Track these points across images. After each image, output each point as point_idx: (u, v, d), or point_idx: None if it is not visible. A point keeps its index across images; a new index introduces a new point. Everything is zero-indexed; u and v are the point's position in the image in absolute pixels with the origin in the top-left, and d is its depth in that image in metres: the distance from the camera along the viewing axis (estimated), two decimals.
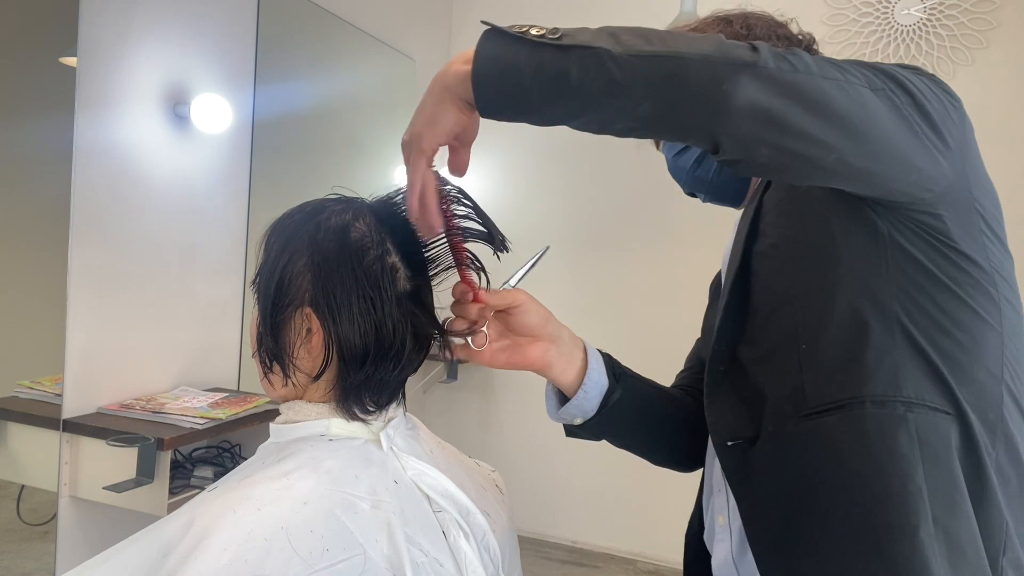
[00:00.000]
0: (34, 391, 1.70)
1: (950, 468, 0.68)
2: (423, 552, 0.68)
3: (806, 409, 0.72)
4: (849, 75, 0.61)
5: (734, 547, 0.81)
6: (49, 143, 1.69)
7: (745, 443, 0.76)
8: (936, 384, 0.69)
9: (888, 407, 0.68)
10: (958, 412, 0.69)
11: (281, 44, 2.38)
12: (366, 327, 0.71)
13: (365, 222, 0.73)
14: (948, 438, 0.68)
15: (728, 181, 0.90)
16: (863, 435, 0.68)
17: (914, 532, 0.66)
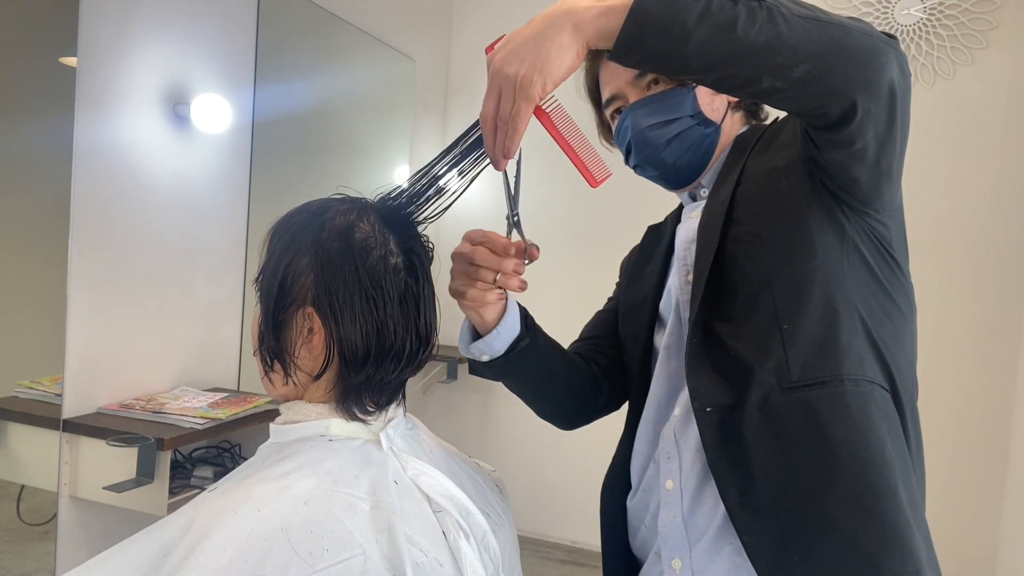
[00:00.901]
0: (34, 391, 1.70)
1: (903, 438, 0.81)
2: (423, 552, 0.68)
3: (790, 383, 0.80)
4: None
5: (684, 508, 0.88)
6: (49, 143, 1.69)
7: (723, 411, 0.83)
8: (882, 367, 0.82)
9: (860, 385, 0.80)
10: (894, 392, 0.83)
11: (281, 44, 2.38)
12: (368, 327, 0.71)
13: (369, 222, 0.74)
14: (895, 413, 0.82)
15: (685, 169, 0.96)
16: (846, 408, 0.78)
17: (895, 493, 0.77)
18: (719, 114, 0.96)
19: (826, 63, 0.66)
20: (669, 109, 0.93)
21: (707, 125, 0.95)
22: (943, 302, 2.68)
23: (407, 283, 0.73)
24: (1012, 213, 2.60)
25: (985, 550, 2.62)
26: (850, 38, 0.66)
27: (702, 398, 0.85)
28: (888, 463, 0.77)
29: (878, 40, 0.67)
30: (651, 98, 0.94)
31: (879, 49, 0.67)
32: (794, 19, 0.65)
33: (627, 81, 0.96)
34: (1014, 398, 2.59)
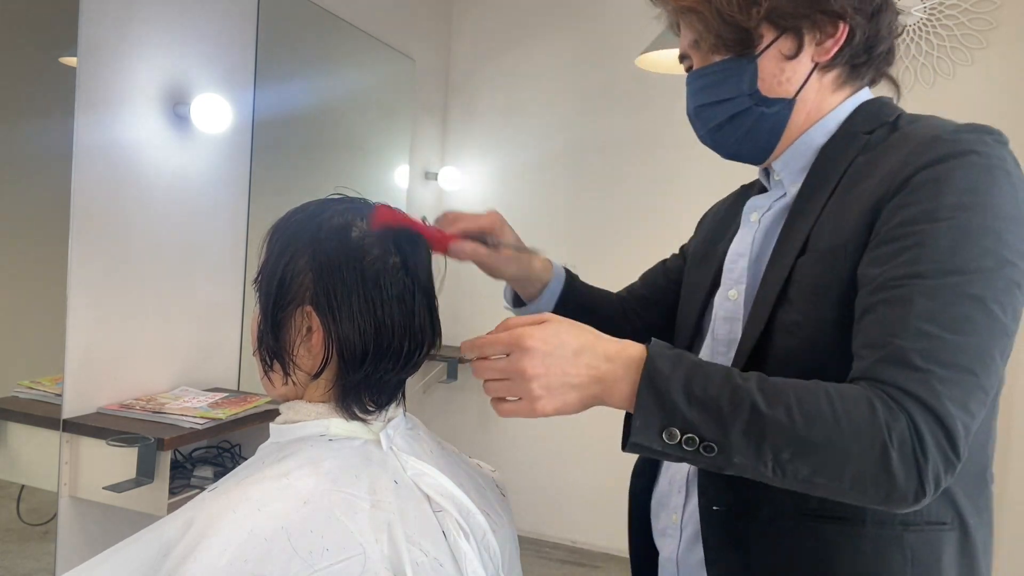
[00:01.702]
0: (34, 391, 1.70)
1: (940, 571, 0.71)
2: (423, 552, 0.68)
3: (807, 509, 0.72)
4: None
5: (680, 548, 0.84)
6: (49, 143, 1.69)
7: (730, 513, 0.77)
8: (940, 496, 0.65)
9: (887, 528, 0.70)
10: (956, 517, 0.71)
11: (281, 44, 2.38)
12: (366, 326, 0.71)
13: (367, 222, 0.74)
14: (941, 549, 0.71)
15: (748, 153, 0.85)
16: (859, 549, 0.70)
17: None
18: (793, 85, 0.79)
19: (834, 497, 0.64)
20: (724, 87, 0.80)
21: (770, 104, 0.79)
22: None
23: (405, 282, 0.74)
24: None
25: None
26: (847, 497, 0.62)
27: (710, 496, 0.79)
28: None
29: (879, 501, 0.61)
30: (707, 70, 0.81)
31: (878, 505, 0.62)
32: (786, 483, 0.63)
33: (688, 45, 0.84)
34: (1014, 398, 2.59)
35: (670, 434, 0.62)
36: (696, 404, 0.62)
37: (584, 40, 3.13)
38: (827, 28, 0.77)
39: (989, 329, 0.62)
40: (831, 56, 0.79)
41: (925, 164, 0.68)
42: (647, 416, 0.63)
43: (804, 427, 0.60)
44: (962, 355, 0.61)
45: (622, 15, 3.03)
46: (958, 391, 0.60)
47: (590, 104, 3.13)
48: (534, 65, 3.27)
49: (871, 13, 0.80)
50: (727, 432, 0.61)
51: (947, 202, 0.65)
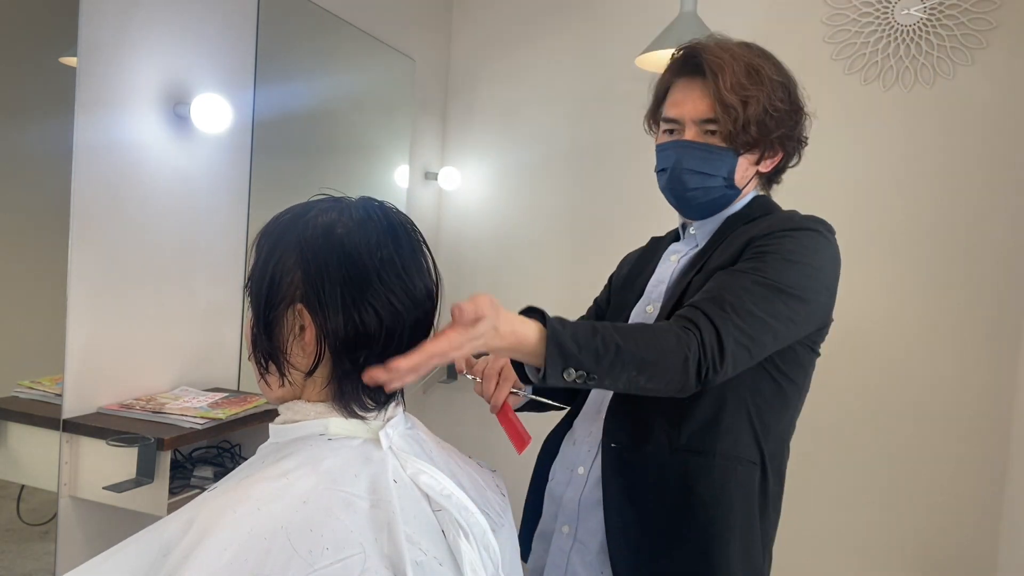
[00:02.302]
0: (34, 391, 1.70)
1: (752, 500, 1.07)
2: (423, 551, 0.68)
3: (678, 445, 1.05)
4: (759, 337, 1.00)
5: (584, 491, 1.13)
6: (49, 143, 1.69)
7: (624, 449, 1.08)
8: (754, 445, 1.07)
9: (729, 460, 1.05)
10: (761, 463, 1.08)
11: (281, 44, 2.38)
12: (356, 320, 0.71)
13: (353, 218, 0.74)
14: (753, 481, 1.07)
15: (695, 210, 1.15)
16: (711, 475, 1.04)
17: (728, 544, 1.03)
18: (745, 181, 1.12)
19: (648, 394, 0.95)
20: (712, 165, 1.08)
21: (732, 189, 1.11)
22: (942, 302, 2.68)
23: (394, 276, 0.74)
24: (1012, 213, 2.60)
25: (985, 550, 2.62)
26: (659, 392, 0.94)
27: (611, 435, 1.10)
28: (728, 524, 1.03)
29: (676, 391, 0.94)
30: (703, 147, 1.08)
31: (675, 392, 0.94)
32: (628, 391, 0.93)
33: (694, 118, 1.09)
34: (1014, 398, 2.59)
35: (568, 373, 0.87)
36: (583, 349, 0.87)
37: (584, 40, 3.13)
38: (775, 152, 1.13)
39: (775, 315, 0.97)
40: (768, 171, 1.16)
41: (782, 228, 1.05)
42: (553, 364, 0.86)
43: (644, 352, 0.89)
44: (752, 317, 0.95)
45: (622, 15, 3.03)
46: (738, 331, 0.94)
47: (590, 104, 3.13)
48: (534, 65, 3.27)
49: (797, 155, 1.17)
50: (602, 365, 0.88)
51: (786, 247, 1.02)
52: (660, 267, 1.20)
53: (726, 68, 1.04)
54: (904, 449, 2.73)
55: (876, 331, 2.73)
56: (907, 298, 2.72)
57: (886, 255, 2.73)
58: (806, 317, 1.02)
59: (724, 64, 1.04)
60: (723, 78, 1.04)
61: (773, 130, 1.07)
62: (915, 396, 2.72)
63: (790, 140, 1.12)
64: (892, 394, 2.74)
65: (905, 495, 2.74)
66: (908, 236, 2.72)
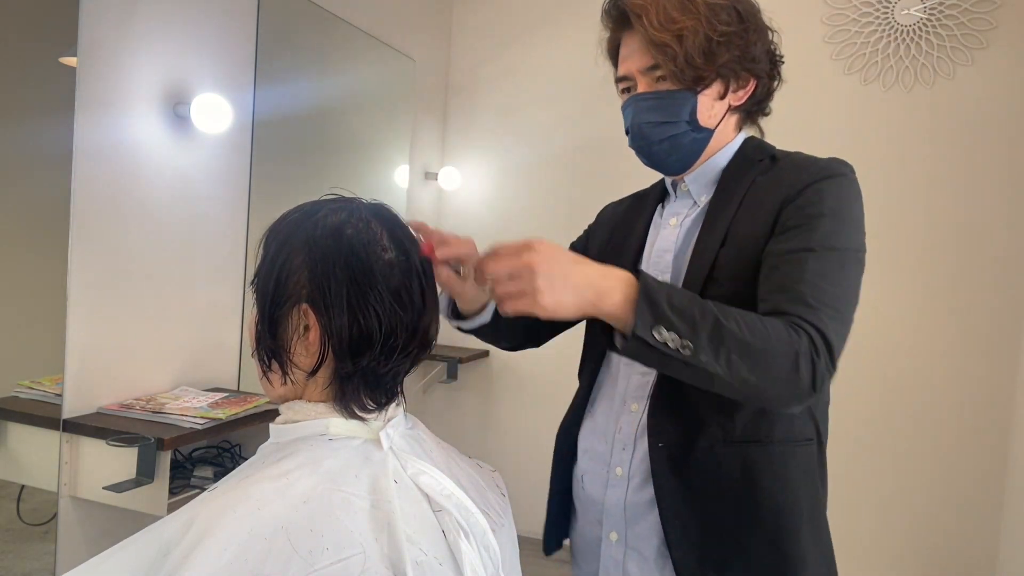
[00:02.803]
0: (34, 391, 1.70)
1: (814, 479, 1.01)
2: (423, 551, 0.68)
3: (733, 437, 0.98)
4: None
5: (628, 493, 1.04)
6: (49, 143, 1.69)
7: (674, 449, 0.99)
8: (809, 420, 1.01)
9: (787, 444, 0.99)
10: (817, 436, 1.02)
11: (281, 44, 2.38)
12: (361, 322, 0.71)
13: (361, 219, 0.74)
14: (813, 458, 1.01)
15: (674, 165, 1.06)
16: (771, 464, 0.98)
17: (797, 531, 0.98)
18: (715, 120, 1.03)
19: (747, 397, 0.87)
20: (669, 111, 1.00)
21: (700, 131, 1.02)
22: (943, 301, 2.68)
23: (399, 278, 0.74)
24: (1012, 213, 2.60)
25: (985, 550, 2.62)
26: (764, 392, 0.85)
27: (657, 435, 1.01)
28: (797, 508, 0.98)
29: (785, 389, 0.84)
30: (655, 95, 1.01)
31: (784, 401, 0.86)
32: (726, 382, 0.82)
33: (639, 69, 1.02)
34: (1014, 398, 2.59)
35: (659, 332, 0.80)
36: (676, 311, 0.81)
37: (584, 40, 3.13)
38: (744, 81, 1.03)
39: (850, 286, 0.92)
40: (741, 103, 1.05)
41: (812, 180, 0.96)
42: (643, 316, 0.80)
43: (749, 336, 0.82)
44: (837, 300, 0.89)
45: None
46: (836, 323, 0.88)
47: (590, 104, 3.13)
48: (534, 65, 3.27)
49: (771, 75, 1.06)
50: (698, 334, 0.81)
51: (828, 204, 0.94)
52: (663, 233, 1.09)
53: (649, 7, 0.97)
54: (904, 450, 2.73)
55: (876, 332, 2.73)
56: (907, 298, 2.72)
57: (886, 255, 2.72)
58: (862, 272, 0.96)
59: (647, 3, 0.97)
60: (648, 18, 0.97)
61: (723, 55, 0.97)
62: (915, 397, 2.72)
63: (752, 61, 1.00)
64: (892, 395, 2.74)
65: (905, 496, 2.74)
66: (908, 236, 2.72)
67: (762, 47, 1.02)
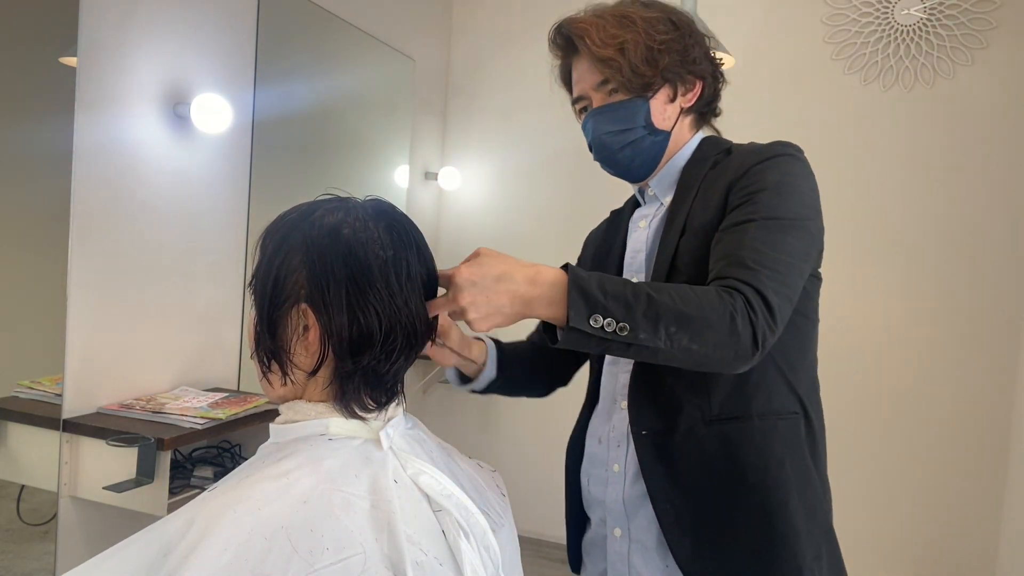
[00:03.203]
0: (34, 391, 1.70)
1: (802, 453, 1.02)
2: (423, 551, 0.68)
3: (711, 416, 1.00)
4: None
5: (626, 488, 1.07)
6: (49, 143, 1.69)
7: (656, 435, 1.03)
8: (790, 393, 1.02)
9: (767, 419, 1.00)
10: (803, 409, 1.03)
11: (281, 44, 2.38)
12: (360, 321, 0.71)
13: (358, 218, 0.74)
14: (799, 431, 1.02)
15: (637, 170, 1.11)
16: (752, 439, 0.99)
17: (786, 506, 0.98)
18: (670, 122, 1.09)
19: (695, 365, 0.88)
20: (624, 119, 1.07)
21: (657, 134, 1.08)
22: (943, 302, 2.68)
23: (398, 276, 0.74)
24: (1012, 213, 2.60)
25: (985, 550, 2.62)
26: (709, 359, 0.86)
27: (639, 423, 1.04)
28: (783, 483, 0.98)
29: (729, 355, 0.86)
30: (610, 107, 1.07)
31: (729, 363, 0.87)
32: (670, 353, 0.85)
33: (591, 87, 1.08)
34: (1014, 398, 2.59)
35: (595, 320, 0.83)
36: (610, 296, 0.84)
37: None
38: (690, 84, 1.09)
39: (792, 251, 0.93)
40: (691, 104, 1.11)
41: (756, 161, 1.00)
42: (578, 308, 0.83)
43: (682, 306, 0.84)
44: (777, 263, 0.91)
45: None
46: (775, 283, 0.89)
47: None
48: (534, 65, 3.27)
49: (714, 76, 1.12)
50: (633, 314, 0.83)
51: (770, 179, 0.98)
52: (633, 236, 1.15)
53: (590, 29, 1.05)
54: (904, 450, 2.73)
55: (876, 332, 2.73)
56: (906, 298, 2.72)
57: (886, 255, 2.73)
58: (812, 245, 0.98)
59: (588, 26, 1.05)
60: (590, 39, 1.04)
61: (665, 60, 1.04)
62: (915, 397, 2.71)
63: (693, 63, 1.07)
64: (892, 396, 2.74)
65: (905, 496, 2.74)
66: (908, 236, 2.72)
67: (700, 51, 1.09)
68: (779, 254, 0.92)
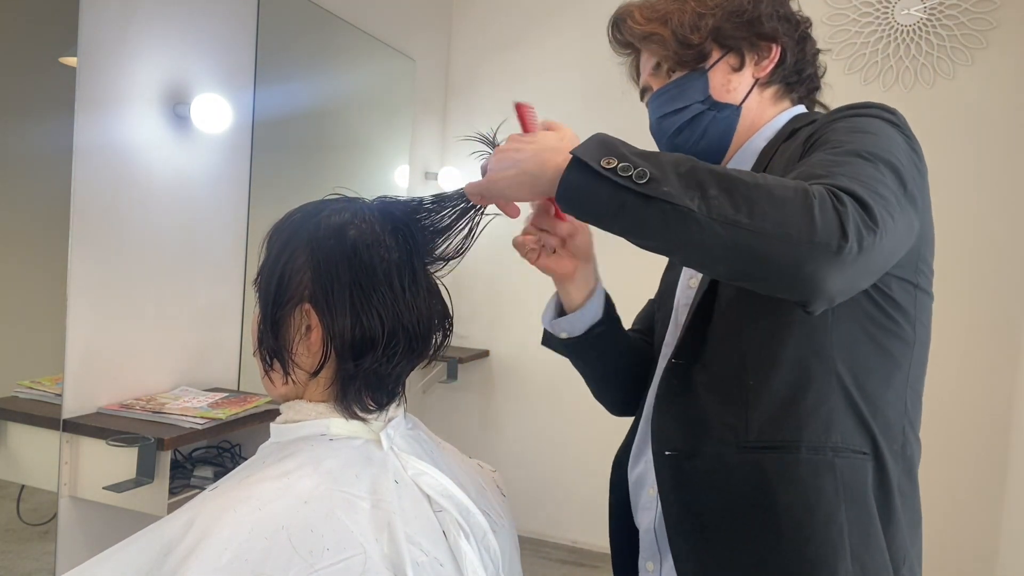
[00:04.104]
0: (34, 391, 1.70)
1: (867, 504, 0.78)
2: (423, 552, 0.68)
3: (747, 442, 0.80)
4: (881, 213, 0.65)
5: (657, 517, 0.90)
6: (49, 143, 1.69)
7: (681, 456, 0.85)
8: (859, 426, 0.79)
9: (820, 453, 0.78)
10: (874, 450, 0.79)
11: (281, 44, 2.38)
12: (364, 323, 0.71)
13: (365, 220, 0.74)
14: (866, 477, 0.79)
15: (702, 155, 0.91)
16: (796, 477, 0.78)
17: (834, 569, 0.76)
18: (739, 94, 0.93)
19: (747, 271, 0.65)
20: (680, 97, 0.93)
21: (720, 109, 0.93)
22: (942, 302, 2.68)
23: (401, 279, 0.74)
24: (1012, 213, 2.60)
25: (985, 550, 2.62)
26: (769, 250, 0.62)
27: (662, 441, 0.87)
28: (832, 539, 0.76)
29: (805, 249, 0.61)
30: (665, 88, 0.95)
31: (803, 260, 0.61)
32: (710, 226, 0.63)
33: (649, 73, 0.97)
34: (1014, 398, 2.59)
35: (608, 161, 0.67)
36: (637, 153, 0.68)
37: (584, 40, 3.13)
38: (763, 50, 0.92)
39: (887, 185, 0.67)
40: (767, 73, 0.93)
41: (838, 117, 0.81)
42: (589, 147, 0.70)
43: (734, 172, 0.65)
44: (858, 173, 0.67)
45: None
46: (861, 186, 0.64)
47: (590, 104, 3.13)
48: (534, 65, 3.27)
49: (798, 39, 0.95)
50: (662, 167, 0.66)
51: (846, 127, 0.77)
52: None
53: (633, 9, 0.95)
54: None
55: None
56: None
57: None
58: (907, 198, 0.69)
59: (630, 8, 0.96)
60: (632, 19, 0.94)
61: (719, 23, 0.90)
62: None
63: (759, 24, 0.91)
64: None
65: None
66: None
67: (772, 8, 0.92)
68: (872, 180, 0.67)
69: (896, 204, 0.67)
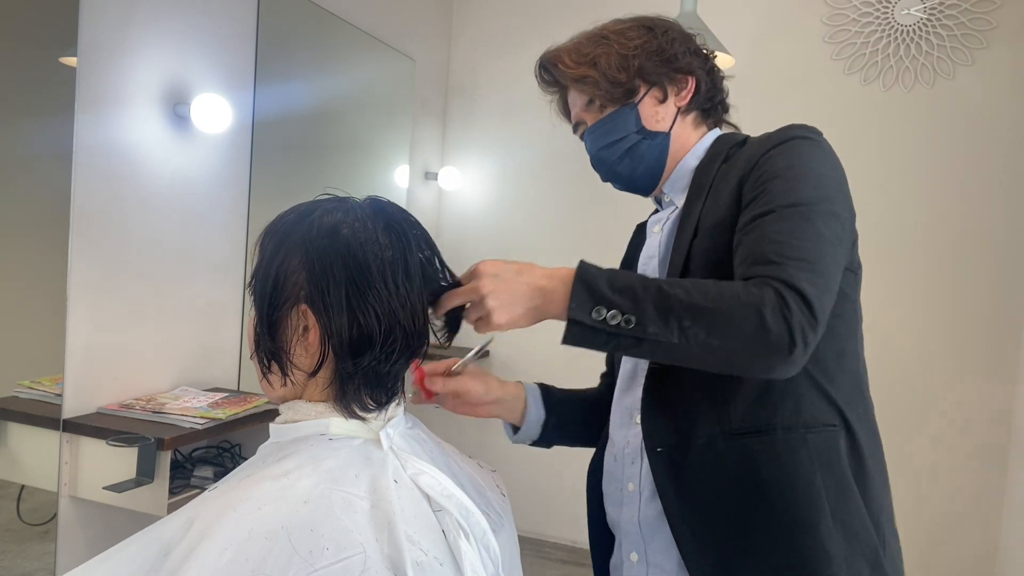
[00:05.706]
0: (34, 391, 1.70)
1: (841, 469, 0.91)
2: (423, 551, 0.68)
3: (731, 430, 0.92)
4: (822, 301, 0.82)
5: (641, 508, 0.99)
6: (49, 143, 1.69)
7: (671, 450, 0.95)
8: (824, 402, 0.92)
9: (793, 431, 0.90)
10: (843, 421, 0.92)
11: (281, 44, 2.38)
12: (360, 321, 0.71)
13: (357, 218, 0.74)
14: (837, 446, 0.91)
15: (642, 178, 1.08)
16: (776, 454, 0.90)
17: (816, 527, 0.88)
18: (666, 123, 1.06)
19: (721, 370, 0.84)
20: (615, 130, 1.05)
21: (653, 137, 1.05)
22: (942, 302, 2.68)
23: (395, 275, 0.74)
24: (1012, 213, 2.60)
25: (985, 550, 2.62)
26: (737, 356, 0.80)
27: (653, 439, 0.97)
28: (811, 502, 0.88)
29: (763, 351, 0.79)
30: (601, 122, 1.06)
31: (767, 359, 0.79)
32: (687, 350, 0.80)
33: (582, 108, 1.08)
34: (1014, 398, 2.59)
35: (598, 312, 0.80)
36: (616, 290, 0.81)
37: None
38: (681, 82, 1.05)
39: (819, 237, 0.84)
40: (687, 101, 1.06)
41: (766, 149, 0.94)
42: (580, 302, 0.81)
43: (697, 298, 0.79)
44: (807, 252, 0.82)
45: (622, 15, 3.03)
46: (805, 274, 0.80)
47: None
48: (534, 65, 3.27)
49: (708, 70, 1.08)
50: (642, 307, 0.80)
51: (782, 164, 0.91)
52: (648, 241, 1.10)
53: (562, 54, 1.06)
54: (904, 451, 2.73)
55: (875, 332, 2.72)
56: (906, 298, 2.72)
57: (885, 255, 2.72)
58: (843, 229, 0.88)
59: (559, 54, 1.07)
60: (563, 63, 1.05)
61: (642, 63, 1.02)
62: (914, 398, 2.71)
63: (676, 60, 1.03)
64: (891, 396, 2.74)
65: (905, 496, 2.74)
66: (908, 236, 2.72)
67: (683, 47, 1.05)
68: (807, 243, 0.83)
69: (831, 263, 0.84)
